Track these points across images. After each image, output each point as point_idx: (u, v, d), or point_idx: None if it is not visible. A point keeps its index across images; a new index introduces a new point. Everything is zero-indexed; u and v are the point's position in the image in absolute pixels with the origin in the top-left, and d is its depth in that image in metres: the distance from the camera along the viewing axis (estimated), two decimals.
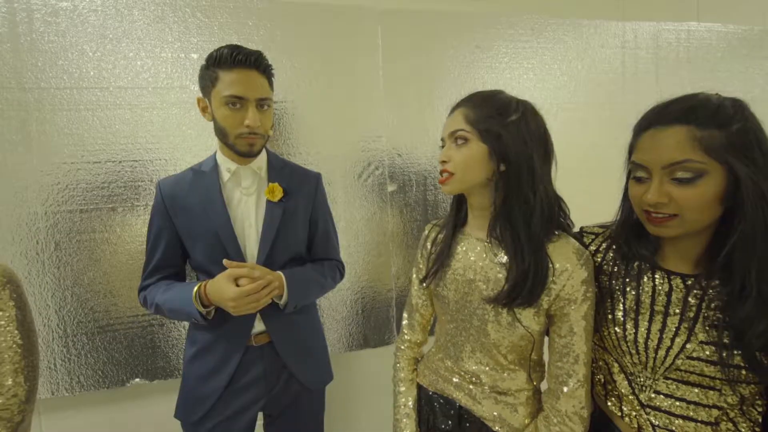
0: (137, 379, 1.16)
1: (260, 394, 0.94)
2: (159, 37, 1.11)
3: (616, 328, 0.66)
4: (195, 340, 0.94)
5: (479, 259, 0.74)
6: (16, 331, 0.68)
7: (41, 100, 1.05)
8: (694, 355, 0.59)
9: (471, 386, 0.76)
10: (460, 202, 0.81)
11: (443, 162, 0.72)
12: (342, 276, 1.09)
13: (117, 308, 1.13)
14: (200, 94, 0.91)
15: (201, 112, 0.91)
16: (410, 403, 0.84)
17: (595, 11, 1.50)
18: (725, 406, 0.59)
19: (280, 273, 0.90)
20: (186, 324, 1.18)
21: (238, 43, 1.08)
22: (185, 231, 0.91)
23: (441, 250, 0.80)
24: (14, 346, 0.67)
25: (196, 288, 0.85)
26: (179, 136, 1.14)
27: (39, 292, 1.08)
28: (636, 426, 0.65)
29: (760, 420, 0.60)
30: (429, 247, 0.85)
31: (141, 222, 1.13)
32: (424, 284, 0.83)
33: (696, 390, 0.60)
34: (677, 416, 0.61)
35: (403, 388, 0.86)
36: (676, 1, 1.61)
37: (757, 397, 0.59)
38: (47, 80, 1.05)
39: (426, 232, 0.88)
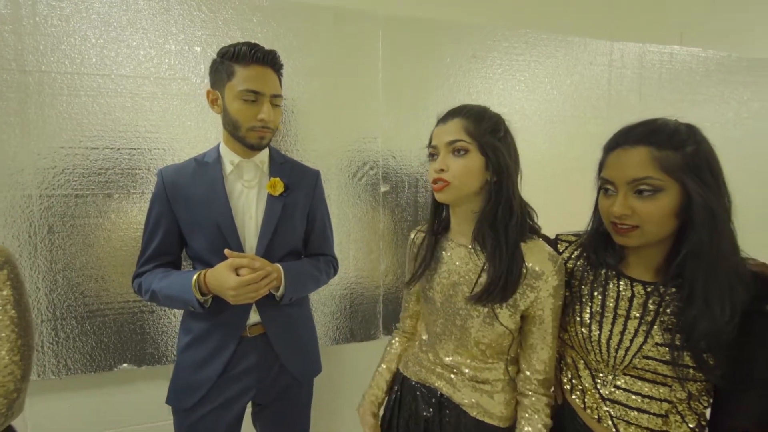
0: (125, 365, 1.18)
1: (252, 383, 0.97)
2: (163, 28, 1.13)
3: (583, 329, 0.72)
4: (190, 328, 0.96)
5: (463, 264, 0.80)
6: (13, 311, 0.69)
7: (41, 84, 1.06)
8: (650, 354, 0.66)
9: (452, 376, 0.82)
10: (437, 210, 0.85)
11: (440, 170, 0.75)
12: (335, 272, 1.13)
13: (108, 293, 1.14)
14: (208, 87, 0.93)
15: (210, 104, 0.93)
16: (391, 366, 0.96)
17: (586, 29, 1.58)
18: (674, 400, 0.66)
19: (278, 265, 0.93)
20: (177, 312, 1.20)
21: (242, 39, 1.11)
22: (185, 220, 0.93)
23: (423, 256, 0.85)
24: (11, 325, 0.69)
25: (195, 276, 0.87)
26: (179, 127, 1.16)
27: (30, 275, 1.08)
28: (596, 417, 0.71)
29: (706, 414, 0.67)
30: (416, 251, 0.89)
31: (136, 209, 1.14)
32: (409, 287, 0.89)
33: (650, 385, 0.67)
34: (632, 408, 0.68)
35: (386, 360, 0.97)
36: (661, 24, 1.70)
37: (703, 393, 0.66)
38: (48, 64, 1.06)
39: (412, 236, 0.93)
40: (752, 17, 1.81)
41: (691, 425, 0.66)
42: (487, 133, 0.73)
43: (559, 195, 1.57)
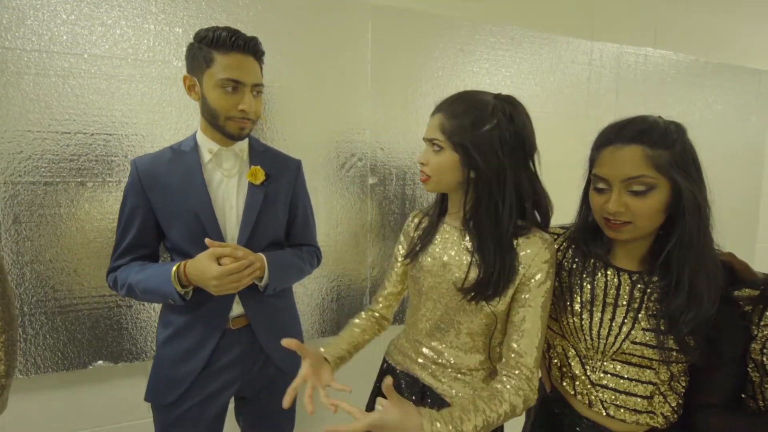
0: (100, 362, 1.12)
1: (236, 376, 0.95)
2: (142, 6, 1.06)
3: (575, 318, 0.75)
4: (169, 322, 0.93)
5: (454, 245, 0.80)
6: None
7: (5, 61, 0.97)
8: (637, 340, 0.69)
9: (434, 366, 0.83)
10: (442, 197, 0.86)
11: (422, 164, 0.79)
12: (319, 262, 1.12)
13: (81, 287, 1.08)
14: (185, 72, 0.89)
15: (187, 91, 0.89)
16: (344, 336, 0.88)
17: (568, 28, 1.62)
18: (658, 382, 0.70)
19: (261, 255, 0.91)
20: (156, 306, 1.15)
21: (227, 23, 1.06)
22: (162, 210, 0.89)
23: (423, 234, 0.86)
24: None
25: (175, 267, 0.84)
26: (159, 112, 1.10)
27: None
28: (587, 402, 0.74)
29: (683, 393, 0.72)
30: (412, 232, 0.90)
31: (112, 199, 1.08)
32: (406, 260, 0.87)
33: (636, 369, 0.71)
34: (621, 392, 0.71)
35: (347, 327, 0.91)
36: (637, 26, 1.77)
37: (682, 375, 0.71)
38: (12, 40, 0.98)
39: (410, 218, 0.94)
40: (720, 25, 1.92)
41: (672, 405, 0.70)
42: (463, 129, 0.72)
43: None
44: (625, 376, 0.71)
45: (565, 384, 0.78)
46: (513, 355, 0.72)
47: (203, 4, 1.12)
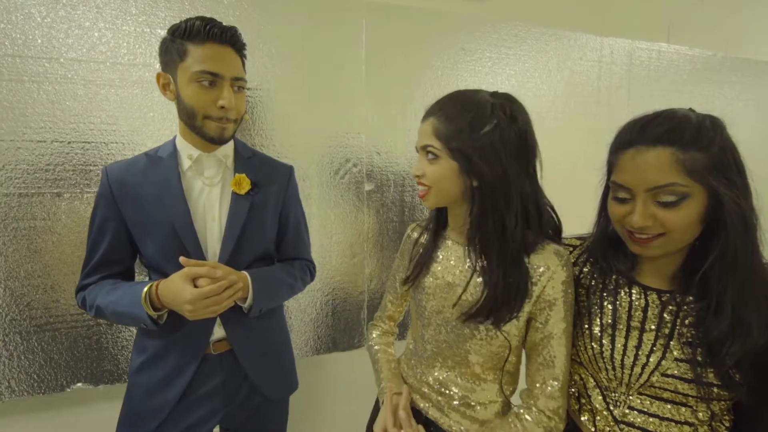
0: (79, 384, 1.05)
1: (218, 406, 0.87)
2: (121, 7, 1.01)
3: (593, 344, 0.65)
4: (144, 347, 0.85)
5: (459, 263, 0.72)
6: None
7: None
8: (669, 372, 0.59)
9: (439, 397, 0.74)
10: (439, 209, 0.78)
11: (418, 176, 0.70)
12: (312, 277, 1.03)
13: (59, 305, 1.02)
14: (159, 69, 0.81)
15: (161, 90, 0.81)
16: (391, 360, 0.86)
17: (576, 24, 1.53)
18: (696, 422, 0.59)
19: (245, 273, 0.83)
20: None
21: None
22: (135, 222, 0.81)
23: (423, 254, 0.78)
24: None
25: (146, 288, 0.76)
26: (140, 118, 1.04)
27: None
28: None
29: None
30: (411, 248, 0.83)
31: (91, 210, 1.02)
32: (405, 285, 0.81)
33: (669, 406, 0.60)
34: None
35: (380, 354, 0.87)
36: (649, 21, 1.67)
37: (725, 413, 0.60)
38: None
39: (408, 231, 0.86)
40: (738, 17, 1.82)
41: None
42: (457, 135, 0.64)
43: (549, 192, 1.52)
44: (656, 414, 0.61)
45: (584, 419, 0.68)
46: (536, 386, 0.67)
47: (186, 3, 1.06)
